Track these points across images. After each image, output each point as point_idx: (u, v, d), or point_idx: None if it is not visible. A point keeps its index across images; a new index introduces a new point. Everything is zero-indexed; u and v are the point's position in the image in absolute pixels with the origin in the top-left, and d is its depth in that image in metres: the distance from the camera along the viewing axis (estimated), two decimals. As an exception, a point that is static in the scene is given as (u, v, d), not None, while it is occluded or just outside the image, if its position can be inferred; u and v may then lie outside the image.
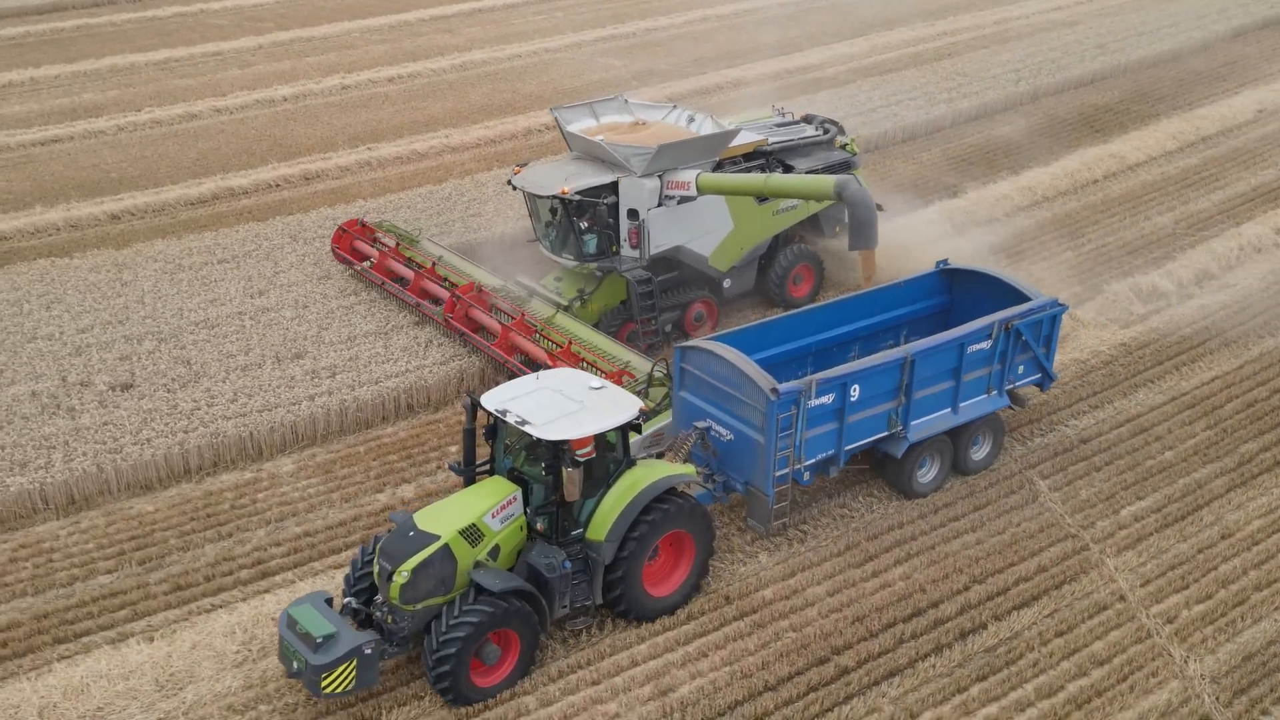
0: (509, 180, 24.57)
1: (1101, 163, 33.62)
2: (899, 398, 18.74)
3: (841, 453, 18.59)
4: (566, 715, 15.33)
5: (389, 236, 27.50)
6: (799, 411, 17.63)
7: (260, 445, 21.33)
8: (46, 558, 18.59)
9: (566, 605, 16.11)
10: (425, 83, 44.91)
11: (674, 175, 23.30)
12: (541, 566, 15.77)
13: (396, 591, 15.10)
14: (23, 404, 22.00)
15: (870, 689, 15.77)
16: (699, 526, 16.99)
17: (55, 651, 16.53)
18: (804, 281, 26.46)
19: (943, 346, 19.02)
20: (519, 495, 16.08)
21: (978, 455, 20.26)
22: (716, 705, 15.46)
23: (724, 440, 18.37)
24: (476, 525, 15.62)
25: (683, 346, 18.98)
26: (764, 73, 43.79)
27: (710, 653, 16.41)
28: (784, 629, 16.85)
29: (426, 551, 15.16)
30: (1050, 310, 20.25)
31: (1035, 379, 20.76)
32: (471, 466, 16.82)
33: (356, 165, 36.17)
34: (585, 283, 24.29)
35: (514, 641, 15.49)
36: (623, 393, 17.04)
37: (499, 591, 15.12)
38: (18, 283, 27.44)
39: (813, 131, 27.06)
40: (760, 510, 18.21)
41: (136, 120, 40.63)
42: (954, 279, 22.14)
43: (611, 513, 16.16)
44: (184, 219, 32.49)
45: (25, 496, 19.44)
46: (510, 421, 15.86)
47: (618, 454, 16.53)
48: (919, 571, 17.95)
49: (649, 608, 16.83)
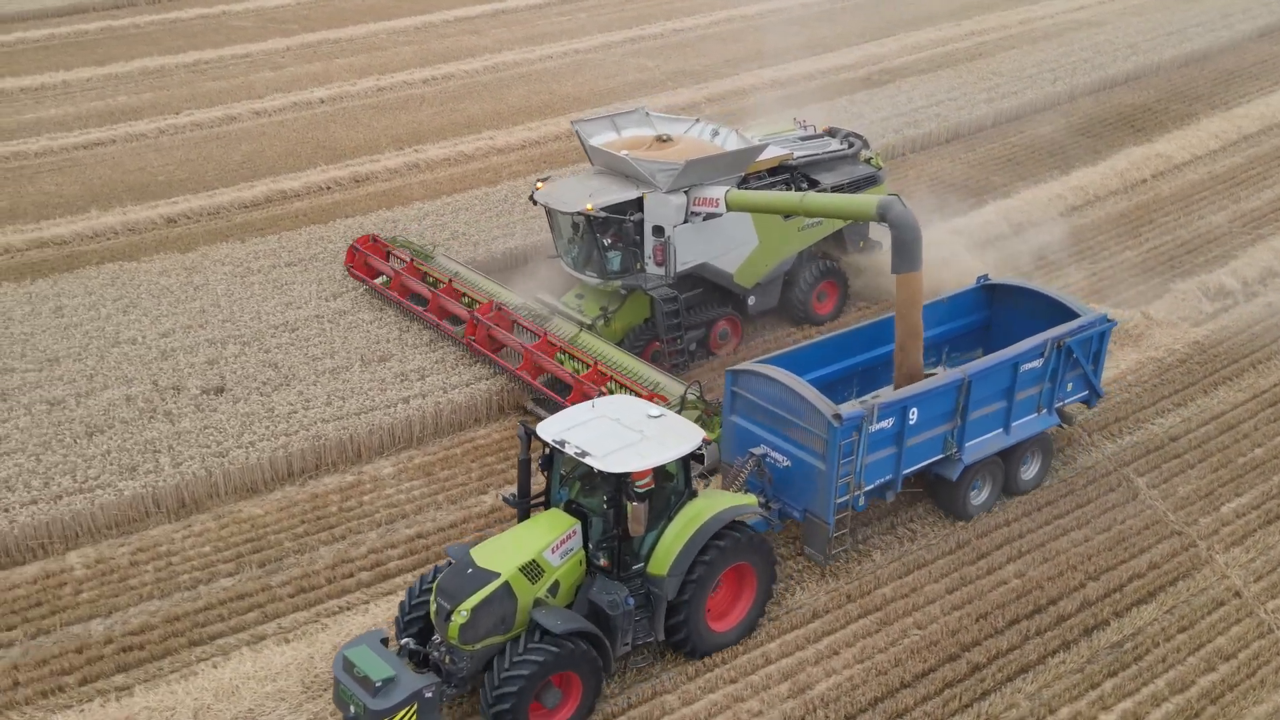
0: (530, 196, 24.01)
1: (1148, 162, 34.00)
2: (955, 419, 18.45)
3: (899, 477, 18.29)
4: (711, 713, 15.55)
5: (403, 252, 26.64)
6: (860, 437, 17.23)
7: (360, 448, 21.48)
8: (166, 561, 18.71)
9: (629, 643, 15.55)
10: (460, 84, 45.00)
11: (701, 191, 22.75)
12: (604, 604, 15.16)
13: (455, 631, 14.55)
14: (119, 408, 22.09)
15: (1005, 685, 16.04)
16: (762, 559, 16.54)
17: (193, 654, 16.66)
18: (828, 298, 26.02)
19: (998, 366, 18.73)
20: (579, 529, 15.48)
21: (1027, 475, 19.99)
22: (856, 702, 15.71)
23: (780, 467, 17.94)
24: (537, 561, 15.04)
25: (734, 370, 18.54)
26: (798, 73, 44.02)
27: (841, 650, 16.66)
28: (909, 626, 17.11)
29: (487, 590, 14.60)
30: (1100, 327, 20.06)
31: (1083, 396, 20.55)
32: (526, 498, 16.24)
33: (405, 167, 36.26)
34: (608, 300, 23.70)
35: (576, 684, 14.86)
36: (683, 421, 16.51)
37: (562, 632, 14.54)
38: (90, 286, 27.49)
39: (837, 145, 26.50)
40: (818, 539, 17.81)
41: (176, 123, 40.62)
42: (993, 294, 21.91)
43: (674, 546, 15.62)
44: (239, 222, 32.54)
45: (138, 500, 19.55)
46: (569, 452, 15.31)
47: (678, 485, 16.03)
48: (1033, 569, 18.23)
49: (711, 643, 16.34)
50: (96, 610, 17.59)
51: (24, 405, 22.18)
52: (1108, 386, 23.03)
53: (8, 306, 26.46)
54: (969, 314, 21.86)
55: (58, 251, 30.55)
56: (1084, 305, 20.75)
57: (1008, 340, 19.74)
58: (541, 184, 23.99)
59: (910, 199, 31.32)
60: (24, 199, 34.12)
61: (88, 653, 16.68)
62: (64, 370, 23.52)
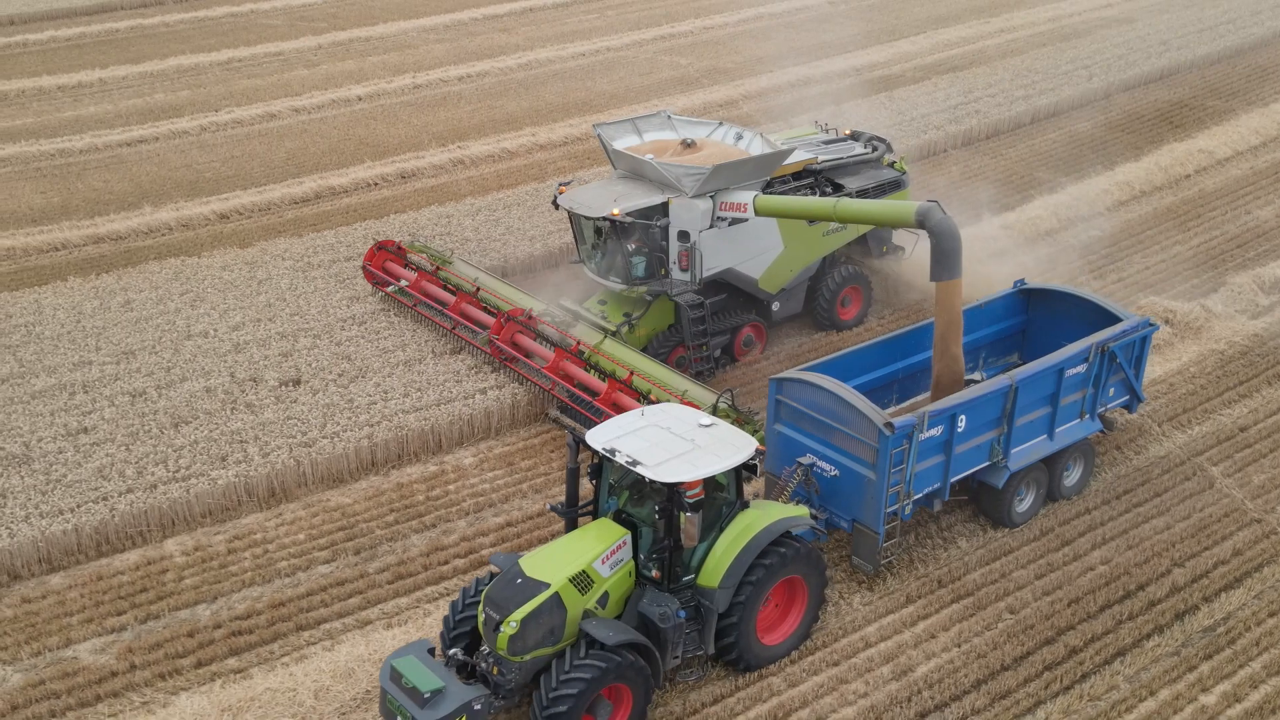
0: (554, 200, 23.64)
1: (1191, 158, 34.28)
2: (1001, 426, 18.31)
3: (947, 485, 18.14)
4: (817, 694, 15.83)
5: (422, 257, 26.29)
6: (911, 446, 17.05)
7: (440, 439, 21.73)
8: (263, 548, 18.97)
9: (679, 656, 15.31)
10: (495, 81, 45.24)
11: (727, 196, 22.49)
12: (655, 616, 14.89)
13: (504, 643, 14.30)
14: (201, 399, 22.36)
15: (1103, 668, 16.32)
16: (813, 571, 16.28)
17: (301, 638, 16.94)
18: (852, 303, 25.73)
19: (1044, 373, 18.57)
20: (629, 540, 15.21)
21: (1069, 481, 19.84)
22: (960, 684, 15.99)
23: (828, 476, 17.70)
24: (587, 572, 14.77)
25: (779, 378, 18.23)
26: (831, 71, 44.23)
27: (938, 634, 16.94)
28: (1002, 611, 17.39)
29: (536, 601, 14.34)
30: (1142, 331, 19.93)
31: (1124, 401, 20.43)
32: (574, 507, 15.94)
33: (450, 164, 36.53)
34: (632, 306, 23.44)
35: (626, 696, 14.66)
36: (735, 430, 16.10)
37: (613, 645, 14.27)
38: (155, 281, 27.77)
39: (861, 149, 26.21)
40: (868, 548, 17.56)
41: (217, 120, 40.90)
42: (1030, 299, 21.74)
43: (726, 558, 15.32)
44: (291, 218, 32.81)
45: (231, 489, 19.82)
46: (620, 462, 15.01)
47: (729, 495, 15.79)
48: (1118, 555, 18.52)
49: (760, 657, 16.06)
50: (201, 596, 17.86)
51: (106, 397, 22.46)
52: (1172, 379, 23.43)
53: (77, 300, 26.73)
54: (1006, 319, 21.66)
55: (115, 247, 30.83)
56: (1124, 309, 20.64)
57: (1044, 345, 19.72)
58: (564, 188, 23.69)
59: (958, 194, 31.87)
60: (75, 195, 34.39)
61: (199, 636, 16.96)
62: (141, 363, 23.79)
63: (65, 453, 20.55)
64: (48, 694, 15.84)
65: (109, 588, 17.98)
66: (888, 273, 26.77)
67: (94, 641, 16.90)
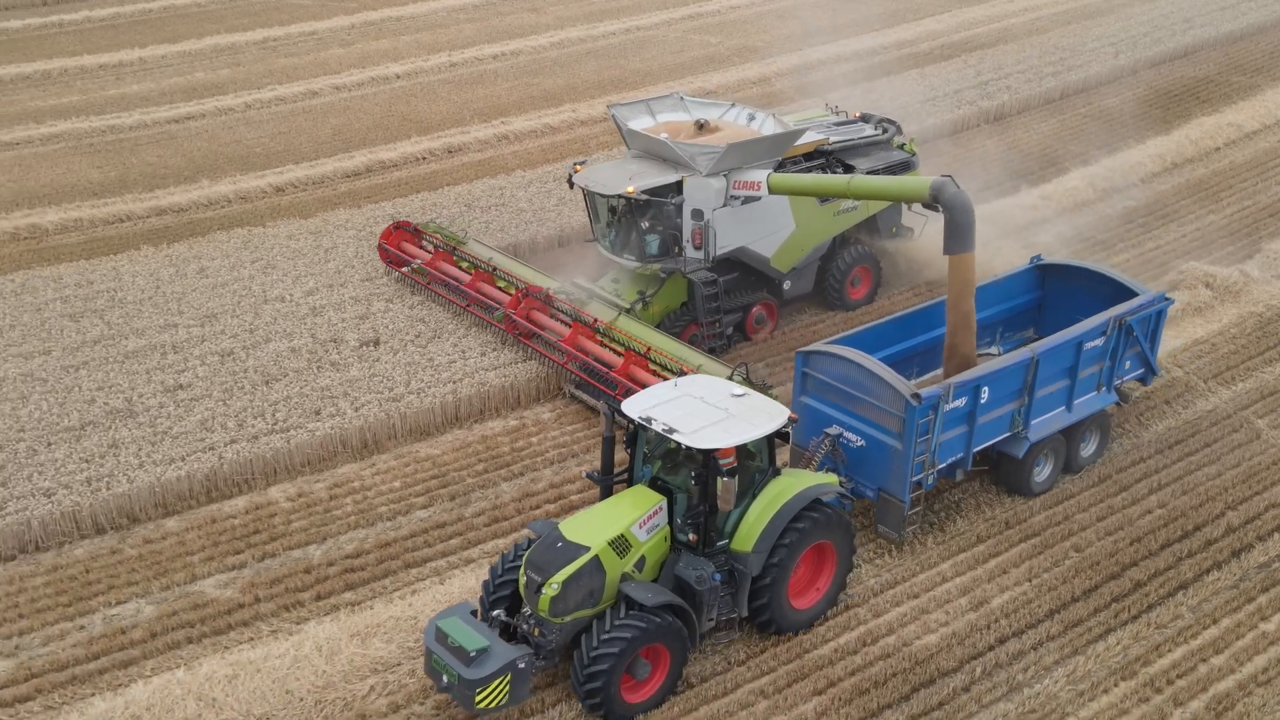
0: (569, 178, 24.04)
1: (1220, 131, 35.23)
2: (1022, 398, 18.73)
3: (969, 455, 18.55)
4: (901, 622, 16.87)
5: (435, 238, 26.67)
6: (936, 416, 17.51)
7: (520, 394, 22.70)
8: (361, 495, 19.99)
9: (713, 618, 15.70)
10: (529, 60, 46.13)
11: (741, 175, 22.80)
12: (691, 579, 15.28)
13: (546, 604, 14.66)
14: (287, 359, 23.35)
15: (1167, 599, 17.36)
16: (843, 537, 16.65)
17: (410, 574, 17.97)
18: (862, 283, 26.06)
19: (1063, 345, 18.97)
20: (664, 505, 15.62)
21: (1086, 452, 20.26)
22: (1034, 613, 17.03)
23: (854, 446, 18.11)
24: (624, 536, 15.16)
25: (806, 351, 18.67)
26: (861, 49, 45.08)
27: (1009, 570, 17.97)
28: (1068, 550, 18.41)
29: (577, 563, 14.73)
30: (1158, 305, 20.30)
31: (1139, 374, 20.84)
32: (610, 475, 16.38)
33: (494, 139, 37.46)
34: (646, 284, 23.68)
35: (664, 656, 15.08)
36: (767, 400, 16.54)
37: (651, 606, 14.70)
38: (225, 249, 28.74)
39: (871, 131, 26.51)
40: (893, 517, 18.02)
41: (261, 97, 41.85)
42: (1046, 274, 22.05)
43: (759, 523, 15.71)
44: (345, 190, 33.75)
45: (328, 440, 20.82)
46: (656, 429, 15.38)
47: (761, 463, 16.19)
48: (1174, 499, 19.54)
49: (791, 620, 16.45)
50: (310, 538, 18.89)
51: (197, 357, 23.45)
52: (1215, 339, 24.40)
53: (153, 268, 27.71)
54: (1022, 294, 22.04)
55: (178, 218, 31.78)
56: (1141, 284, 21.00)
57: (1060, 320, 20.19)
58: (579, 167, 24.13)
59: (994, 167, 32.89)
60: (131, 170, 35.32)
61: (314, 573, 17.99)
62: (224, 325, 24.77)
63: (167, 407, 21.56)
64: (182, 623, 16.89)
65: (223, 530, 19.01)
66: (897, 254, 27.15)
67: (217, 578, 17.95)
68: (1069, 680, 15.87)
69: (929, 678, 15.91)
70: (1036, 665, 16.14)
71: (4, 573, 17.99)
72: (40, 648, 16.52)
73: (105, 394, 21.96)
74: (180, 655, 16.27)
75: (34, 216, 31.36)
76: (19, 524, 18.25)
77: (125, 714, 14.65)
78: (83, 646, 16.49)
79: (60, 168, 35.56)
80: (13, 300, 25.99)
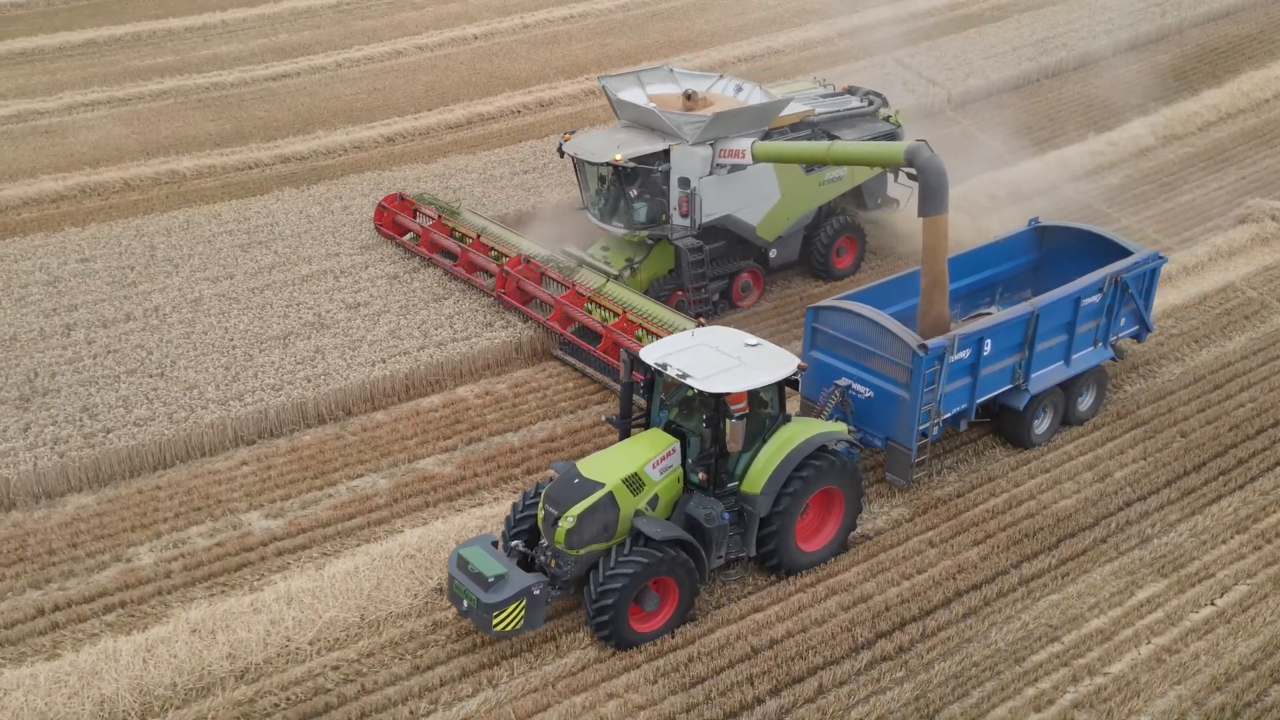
0: (559, 147, 24.59)
1: (1270, 83, 37.64)
2: (1023, 351, 19.57)
3: (973, 406, 19.44)
4: (1040, 489, 19.40)
5: (430, 209, 27.43)
6: (942, 367, 18.33)
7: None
8: (542, 393, 22.45)
9: (722, 556, 16.49)
10: (598, 22, 48.30)
11: (727, 143, 23.36)
12: (701, 517, 16.05)
13: (562, 536, 15.46)
14: (446, 283, 25.71)
15: (1267, 472, 19.93)
16: (849, 484, 17.28)
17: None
18: (847, 253, 26.58)
19: (1062, 301, 19.78)
20: (678, 447, 16.36)
21: (1083, 406, 21.10)
22: (1153, 482, 19.61)
23: (863, 398, 18.92)
24: (638, 475, 15.91)
25: (816, 307, 19.44)
26: (917, 10, 47.11)
27: (1126, 450, 20.51)
28: (1174, 435, 20.94)
29: (592, 498, 15.51)
30: (1152, 263, 21.11)
31: (1133, 331, 21.68)
32: (627, 419, 17.25)
33: (582, 94, 39.69)
34: (634, 251, 24.32)
35: (673, 589, 15.79)
36: (778, 350, 17.18)
37: (660, 539, 15.44)
38: (362, 189, 31.08)
39: (857, 103, 26.94)
40: (901, 464, 18.88)
41: (350, 56, 43.98)
42: (1043, 236, 22.75)
43: (768, 466, 16.40)
44: (450, 140, 36.05)
45: (504, 346, 23.33)
46: (671, 375, 16.12)
47: (771, 410, 16.90)
48: (1263, 395, 22.06)
49: (799, 562, 17.14)
50: (506, 426, 21.43)
51: (367, 279, 25.85)
52: (1255, 279, 26.47)
53: (301, 206, 30.07)
54: (1020, 255, 22.72)
55: (302, 165, 34.07)
56: (1134, 243, 21.86)
57: (1056, 280, 20.70)
58: (569, 136, 24.81)
59: (1057, 119, 35.41)
60: (245, 123, 37.58)
61: (517, 454, 20.53)
62: (384, 253, 27.11)
63: (354, 321, 24.01)
64: (413, 492, 19.42)
65: (428, 421, 21.51)
66: (882, 224, 27.92)
67: (433, 458, 20.46)
68: (1191, 534, 18.43)
69: (1071, 531, 18.49)
70: (1162, 522, 18.71)
71: (250, 453, 20.54)
72: (301, 510, 19.06)
73: (296, 310, 24.41)
74: (422, 516, 18.79)
75: (171, 164, 33.66)
76: (258, 412, 20.78)
77: (400, 554, 17.16)
78: (339, 509, 19.04)
79: (178, 121, 37.81)
80: (181, 234, 28.36)
